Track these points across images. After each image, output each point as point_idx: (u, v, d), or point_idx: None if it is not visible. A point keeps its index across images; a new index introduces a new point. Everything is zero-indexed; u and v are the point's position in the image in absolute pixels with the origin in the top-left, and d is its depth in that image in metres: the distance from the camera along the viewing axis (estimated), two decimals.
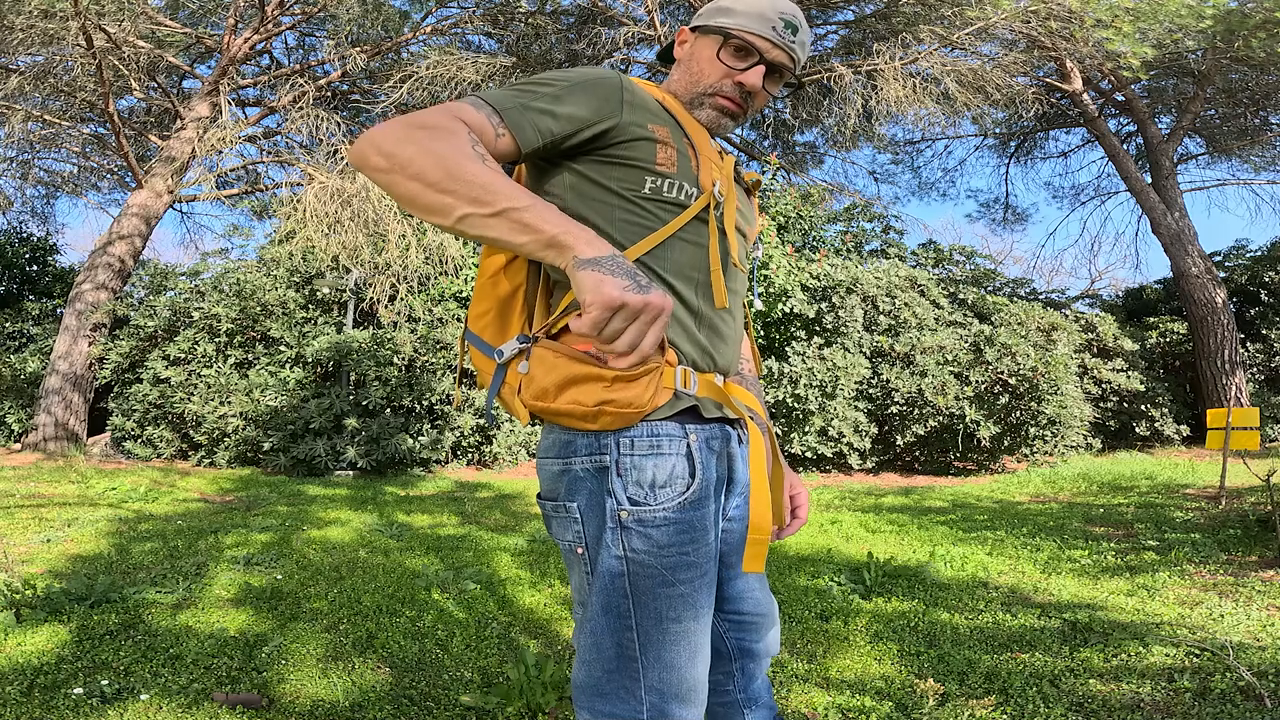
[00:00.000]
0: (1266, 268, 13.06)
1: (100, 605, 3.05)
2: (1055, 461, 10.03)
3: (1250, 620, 3.07)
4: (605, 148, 1.07)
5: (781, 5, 1.18)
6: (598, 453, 1.03)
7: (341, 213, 8.91)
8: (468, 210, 0.88)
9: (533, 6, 11.88)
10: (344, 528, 5.03)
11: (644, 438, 1.02)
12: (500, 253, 1.15)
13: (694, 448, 1.04)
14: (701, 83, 1.18)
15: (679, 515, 1.02)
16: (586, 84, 1.06)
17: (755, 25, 1.15)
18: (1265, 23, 10.19)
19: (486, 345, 1.12)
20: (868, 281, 10.15)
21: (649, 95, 1.14)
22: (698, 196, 1.10)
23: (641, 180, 1.07)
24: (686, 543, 1.02)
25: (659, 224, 1.07)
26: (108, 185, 15.23)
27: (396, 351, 8.72)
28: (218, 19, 11.98)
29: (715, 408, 1.09)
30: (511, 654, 2.72)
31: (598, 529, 1.04)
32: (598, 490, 1.04)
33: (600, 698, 1.03)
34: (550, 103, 1.03)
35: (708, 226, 1.11)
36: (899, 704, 2.29)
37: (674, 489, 1.02)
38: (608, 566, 1.02)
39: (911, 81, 10.87)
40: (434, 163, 0.88)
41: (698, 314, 1.10)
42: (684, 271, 1.09)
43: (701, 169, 1.12)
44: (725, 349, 1.15)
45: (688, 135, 1.13)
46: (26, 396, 10.08)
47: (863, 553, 4.37)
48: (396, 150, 0.89)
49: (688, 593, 1.02)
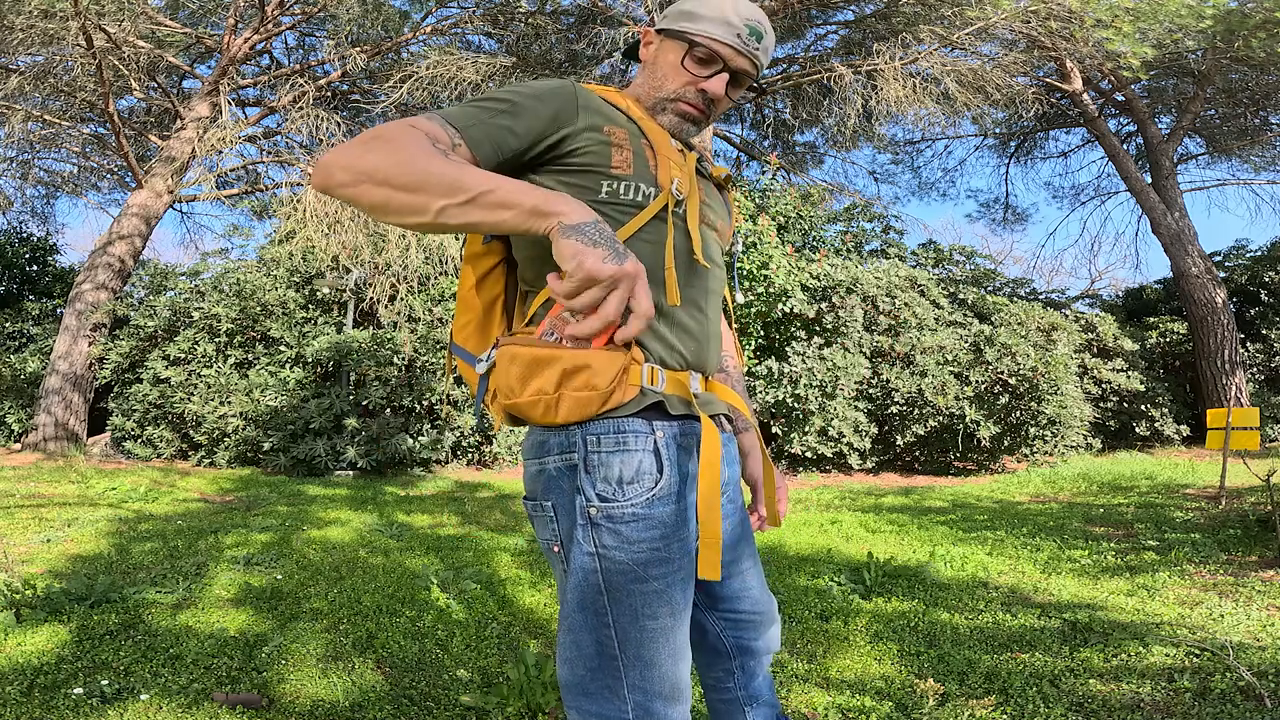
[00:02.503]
0: (1266, 268, 13.06)
1: (100, 605, 3.05)
2: (1055, 461, 10.03)
3: (1250, 620, 3.06)
4: (562, 156, 1.08)
5: (746, 12, 1.18)
6: (568, 451, 1.04)
7: (341, 213, 8.91)
8: (444, 203, 0.89)
9: (533, 6, 11.88)
10: (344, 528, 5.03)
11: (610, 434, 1.02)
12: (478, 265, 1.17)
13: (661, 444, 1.04)
14: (664, 88, 1.19)
15: (647, 511, 1.02)
16: (542, 95, 1.07)
17: (720, 32, 1.15)
18: (1265, 23, 10.19)
19: (470, 355, 1.14)
20: (868, 281, 10.15)
21: (604, 101, 1.14)
22: (656, 196, 1.11)
23: (598, 185, 1.08)
24: (657, 539, 1.02)
25: (617, 226, 1.08)
26: (108, 185, 15.24)
27: (396, 351, 8.72)
28: (218, 19, 11.98)
29: (682, 405, 1.10)
30: (511, 654, 2.72)
31: (570, 527, 1.05)
32: (569, 488, 1.05)
33: (585, 697, 1.04)
34: (508, 119, 1.04)
35: (666, 225, 1.11)
36: (899, 704, 2.29)
37: (642, 485, 1.02)
38: (580, 563, 1.02)
39: (911, 81, 10.87)
40: (400, 167, 0.90)
41: (660, 312, 1.10)
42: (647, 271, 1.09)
43: (660, 168, 1.12)
44: (696, 346, 1.15)
45: (646, 136, 1.14)
46: (26, 396, 10.08)
47: (863, 553, 4.37)
48: (357, 163, 0.91)
49: (662, 589, 1.02)
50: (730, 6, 1.16)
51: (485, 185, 0.90)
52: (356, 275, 9.16)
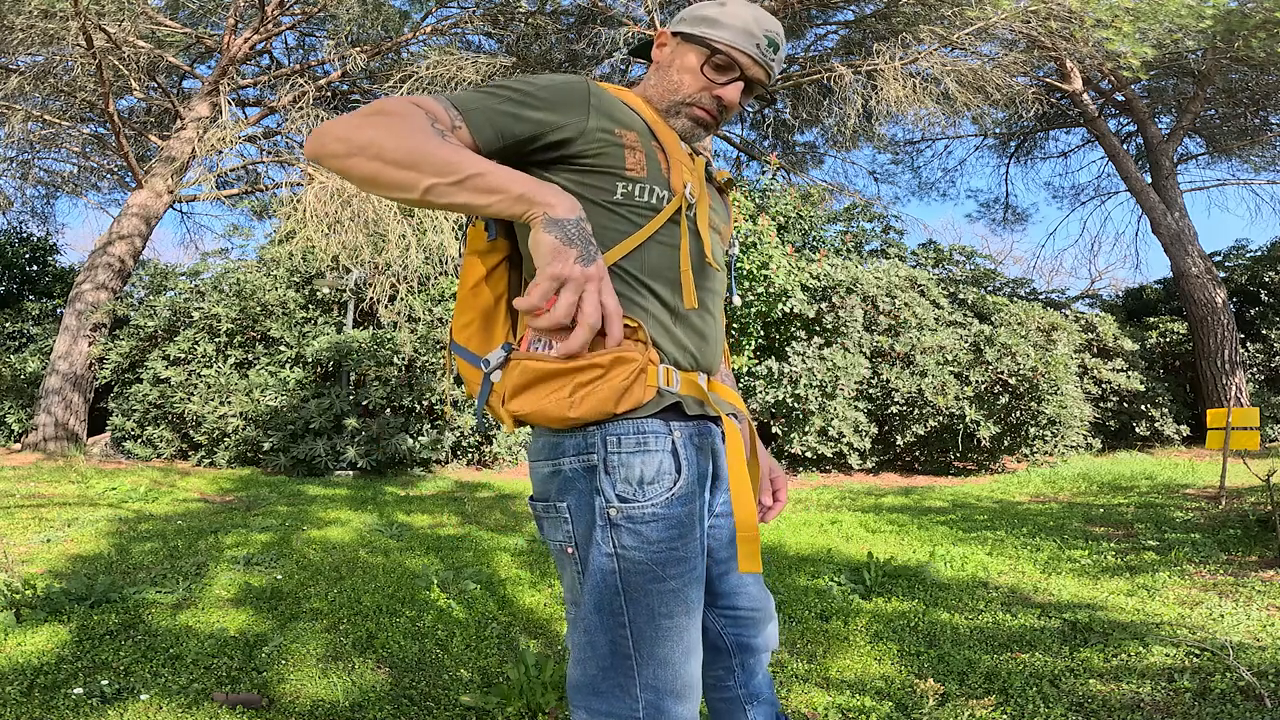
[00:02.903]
0: (1266, 268, 13.06)
1: (100, 605, 3.05)
2: (1055, 461, 10.03)
3: (1250, 620, 3.06)
4: (575, 156, 1.07)
5: (766, 22, 1.18)
6: (586, 452, 1.04)
7: (341, 213, 8.91)
8: (433, 181, 0.91)
9: (533, 6, 11.88)
10: (344, 528, 5.03)
11: (630, 435, 1.03)
12: (481, 263, 1.16)
13: (679, 444, 1.05)
14: (680, 92, 1.19)
15: (667, 511, 1.03)
16: (553, 89, 1.07)
17: (740, 41, 1.16)
18: (1265, 23, 10.19)
19: (473, 355, 1.13)
20: (868, 281, 10.15)
21: (618, 100, 1.14)
22: (669, 199, 1.11)
23: (613, 186, 1.08)
24: (676, 538, 1.03)
25: (633, 229, 1.08)
26: (108, 185, 15.24)
27: (396, 351, 8.72)
28: (218, 19, 11.98)
29: (697, 405, 1.11)
30: (511, 654, 2.72)
31: (588, 528, 1.05)
32: (587, 489, 1.05)
33: (596, 696, 1.03)
34: (514, 106, 1.04)
35: (680, 228, 1.12)
36: (899, 704, 2.29)
37: (662, 485, 1.03)
38: (599, 564, 1.03)
39: (911, 81, 10.87)
40: (395, 141, 0.91)
41: (676, 314, 1.11)
42: (661, 273, 1.10)
43: (673, 172, 1.12)
44: (706, 348, 1.17)
45: (657, 138, 1.14)
46: (26, 396, 10.08)
47: (863, 553, 4.37)
48: (353, 135, 0.92)
49: (678, 588, 1.03)
50: (752, 17, 1.17)
51: (477, 169, 0.92)
52: (356, 275, 9.15)
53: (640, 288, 1.08)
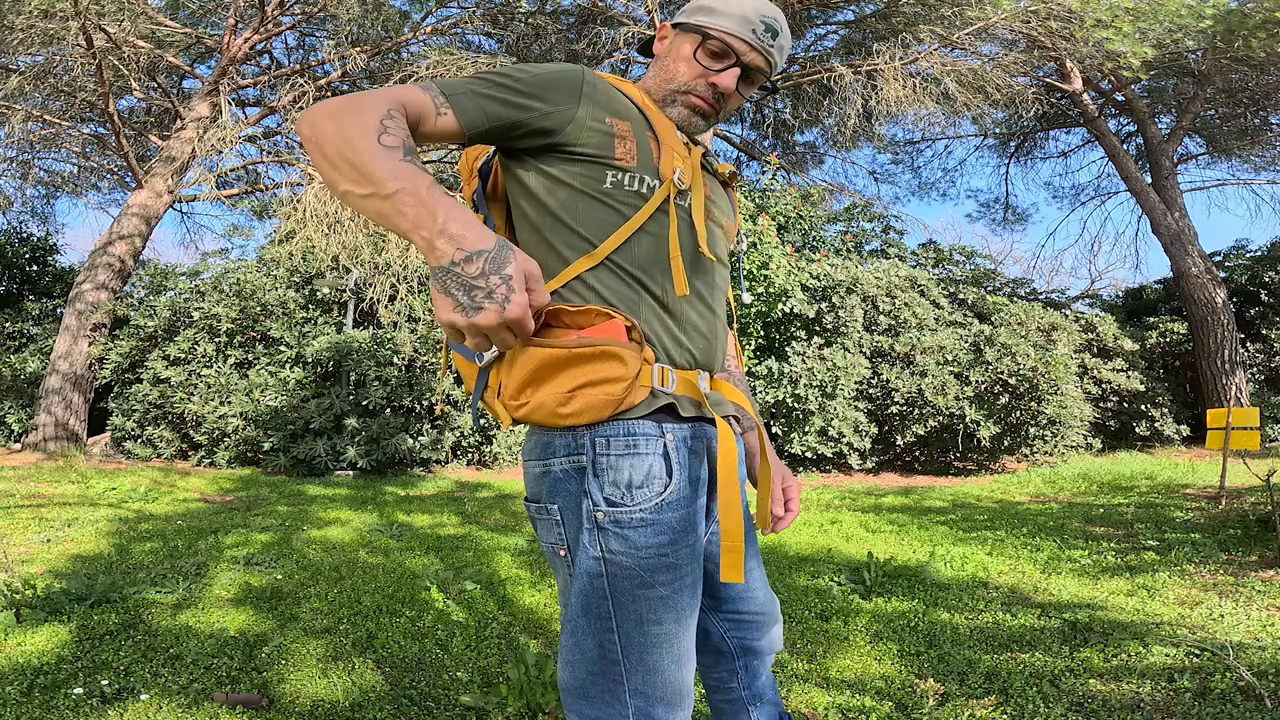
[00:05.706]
0: (1266, 268, 13.05)
1: (100, 605, 3.05)
2: (1055, 461, 10.03)
3: (1250, 620, 3.06)
4: (564, 144, 1.06)
5: (764, 8, 1.17)
6: (576, 453, 1.02)
7: (341, 213, 8.91)
8: (348, 188, 0.90)
9: (533, 6, 11.88)
10: (344, 528, 5.03)
11: (620, 437, 1.01)
12: None
13: (671, 447, 1.03)
14: (675, 80, 1.18)
15: (656, 516, 1.00)
16: (544, 76, 1.05)
17: (735, 27, 1.15)
18: (1265, 23, 10.19)
19: (468, 349, 1.10)
20: (868, 281, 10.15)
21: (615, 90, 1.12)
22: (659, 187, 1.09)
23: (602, 175, 1.06)
24: (665, 544, 1.00)
25: (622, 219, 1.07)
26: (108, 185, 15.24)
27: (396, 351, 8.72)
28: (218, 19, 11.98)
29: (693, 406, 1.08)
30: (511, 654, 2.72)
31: (576, 530, 1.03)
32: (576, 491, 1.03)
33: (585, 700, 1.02)
34: (502, 91, 1.03)
35: (669, 215, 1.10)
36: (899, 704, 2.29)
37: (651, 489, 1.01)
38: (586, 568, 1.01)
39: (911, 81, 10.87)
40: (336, 139, 0.90)
41: (668, 307, 1.09)
42: (651, 264, 1.08)
43: (663, 159, 1.10)
44: (704, 344, 1.14)
45: (652, 127, 1.12)
46: (26, 396, 10.08)
47: (863, 553, 4.37)
48: (318, 123, 0.92)
49: (667, 595, 1.00)
50: (748, 3, 1.16)
51: (384, 187, 0.87)
52: (356, 275, 9.16)
53: (633, 282, 1.06)
